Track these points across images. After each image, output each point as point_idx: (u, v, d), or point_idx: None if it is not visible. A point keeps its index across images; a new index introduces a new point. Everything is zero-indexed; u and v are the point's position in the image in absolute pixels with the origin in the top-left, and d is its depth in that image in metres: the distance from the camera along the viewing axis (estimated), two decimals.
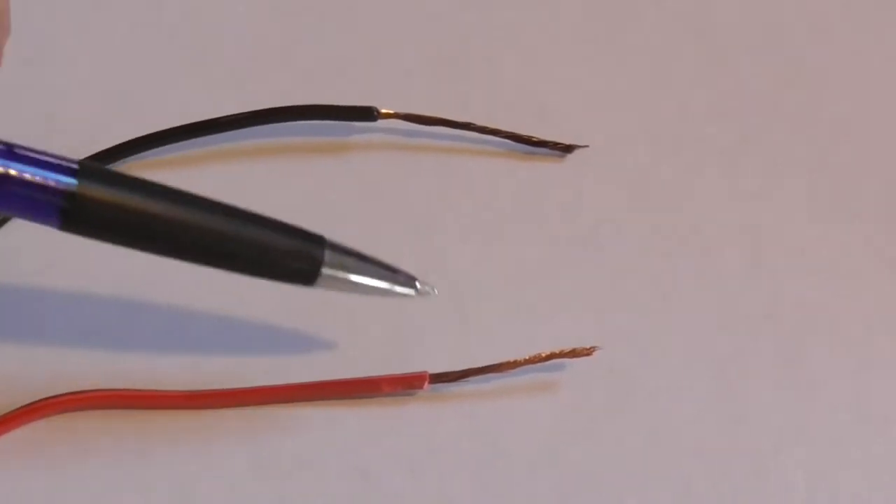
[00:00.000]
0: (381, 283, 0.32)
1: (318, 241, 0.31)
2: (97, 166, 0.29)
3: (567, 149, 0.40)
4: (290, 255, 0.31)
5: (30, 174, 0.28)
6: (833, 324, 0.37)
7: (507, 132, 0.39)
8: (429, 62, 0.41)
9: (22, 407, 0.32)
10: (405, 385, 0.34)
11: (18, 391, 0.33)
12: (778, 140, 0.41)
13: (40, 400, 0.32)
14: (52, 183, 0.28)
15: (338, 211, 0.38)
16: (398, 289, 0.32)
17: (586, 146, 0.40)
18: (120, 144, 0.37)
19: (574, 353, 0.35)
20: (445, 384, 0.34)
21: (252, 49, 0.41)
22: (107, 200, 0.29)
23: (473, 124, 0.39)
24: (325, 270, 0.31)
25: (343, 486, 0.33)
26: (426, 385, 0.34)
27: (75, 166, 0.29)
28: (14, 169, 0.28)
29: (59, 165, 0.29)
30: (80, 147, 0.37)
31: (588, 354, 0.35)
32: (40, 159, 0.29)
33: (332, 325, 0.35)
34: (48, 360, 0.33)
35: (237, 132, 0.38)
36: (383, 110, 0.39)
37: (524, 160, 0.40)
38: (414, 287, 0.32)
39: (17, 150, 0.28)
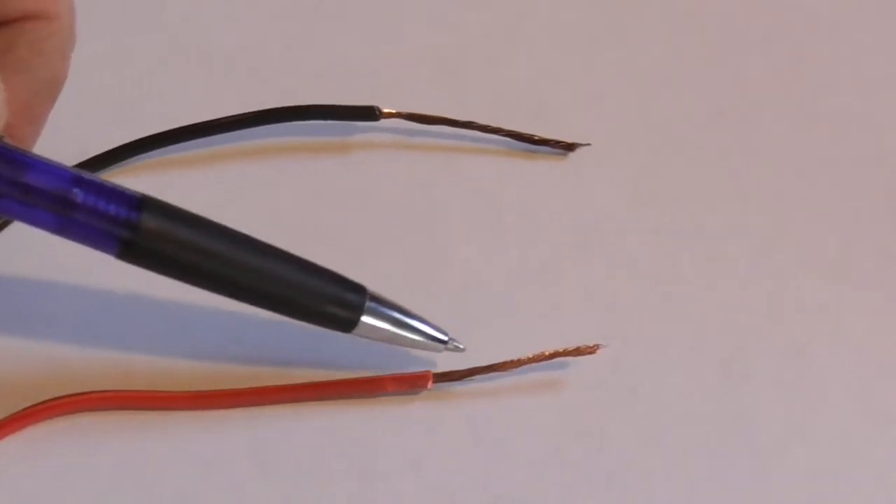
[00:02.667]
0: (413, 336, 0.33)
1: (360, 290, 0.32)
2: (159, 201, 0.30)
3: (569, 147, 0.40)
4: (332, 302, 0.32)
5: (95, 203, 0.29)
6: (836, 322, 0.37)
7: (508, 131, 0.39)
8: (430, 62, 0.41)
9: (26, 408, 0.32)
10: (409, 384, 0.34)
11: (22, 393, 0.33)
12: (779, 138, 0.41)
13: (44, 401, 0.32)
14: (115, 213, 0.29)
15: (339, 210, 0.38)
16: (430, 343, 0.33)
17: (588, 145, 0.40)
18: (121, 146, 0.37)
19: (578, 352, 0.35)
20: (449, 383, 0.34)
21: (253, 49, 0.41)
22: (165, 234, 0.30)
23: (475, 123, 0.39)
24: (364, 319, 0.32)
25: (347, 485, 0.33)
26: (430, 384, 0.34)
27: (139, 198, 0.29)
28: (80, 197, 0.29)
29: (123, 196, 0.29)
30: (81, 149, 0.37)
31: (592, 353, 0.35)
32: (106, 188, 0.29)
33: None
34: (52, 362, 0.33)
35: (239, 133, 0.38)
36: (385, 110, 0.39)
37: (526, 159, 0.40)
38: (444, 342, 0.34)
39: (84, 178, 0.29)
